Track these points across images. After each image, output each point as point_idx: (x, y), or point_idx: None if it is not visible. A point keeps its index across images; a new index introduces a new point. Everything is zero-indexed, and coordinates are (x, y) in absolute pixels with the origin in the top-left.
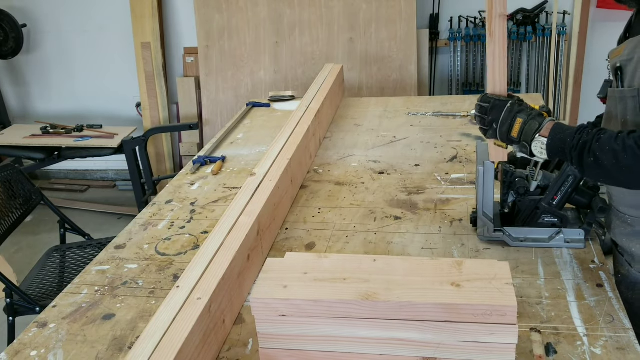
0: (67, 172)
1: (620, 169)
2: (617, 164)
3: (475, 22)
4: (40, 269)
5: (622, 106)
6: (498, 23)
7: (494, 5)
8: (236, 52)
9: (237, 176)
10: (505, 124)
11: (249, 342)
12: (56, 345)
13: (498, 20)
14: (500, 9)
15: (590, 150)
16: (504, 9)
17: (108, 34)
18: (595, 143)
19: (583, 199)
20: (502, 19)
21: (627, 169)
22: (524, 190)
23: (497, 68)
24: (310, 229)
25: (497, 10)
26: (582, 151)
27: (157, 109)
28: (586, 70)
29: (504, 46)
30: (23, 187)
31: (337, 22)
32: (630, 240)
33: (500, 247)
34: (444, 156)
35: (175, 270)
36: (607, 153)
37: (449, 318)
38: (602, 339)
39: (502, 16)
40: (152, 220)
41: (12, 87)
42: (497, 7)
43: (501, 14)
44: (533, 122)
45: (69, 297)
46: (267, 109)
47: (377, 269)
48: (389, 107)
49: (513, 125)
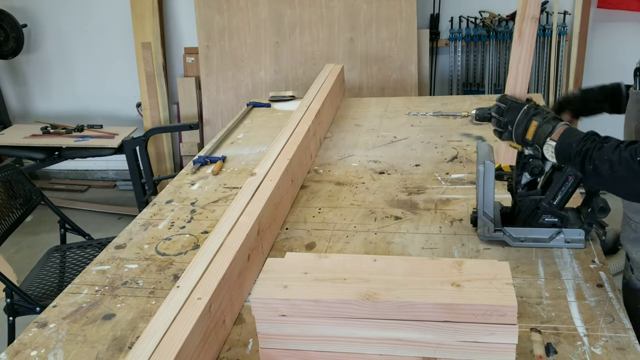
0: (68, 172)
1: (615, 179)
2: (613, 174)
3: (475, 22)
4: (41, 269)
5: (637, 108)
6: (530, 25)
7: (528, 6)
8: (236, 52)
9: (238, 176)
10: (520, 125)
11: (249, 342)
12: (56, 345)
13: (530, 22)
14: (534, 10)
15: (590, 158)
16: (537, 11)
17: (108, 34)
18: (596, 152)
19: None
20: (534, 21)
21: (620, 179)
22: (538, 171)
23: (520, 70)
24: (310, 229)
25: (530, 12)
26: (584, 158)
27: (158, 109)
28: (586, 70)
29: (531, 49)
30: (23, 187)
31: (338, 22)
32: (633, 246)
33: (501, 247)
34: (444, 156)
35: (176, 270)
36: (604, 162)
37: (449, 318)
38: (602, 339)
39: (534, 18)
40: (152, 220)
41: (13, 87)
42: (531, 9)
43: (534, 16)
44: (547, 125)
45: (69, 297)
46: (267, 109)
47: (377, 269)
48: (389, 107)
49: (528, 128)
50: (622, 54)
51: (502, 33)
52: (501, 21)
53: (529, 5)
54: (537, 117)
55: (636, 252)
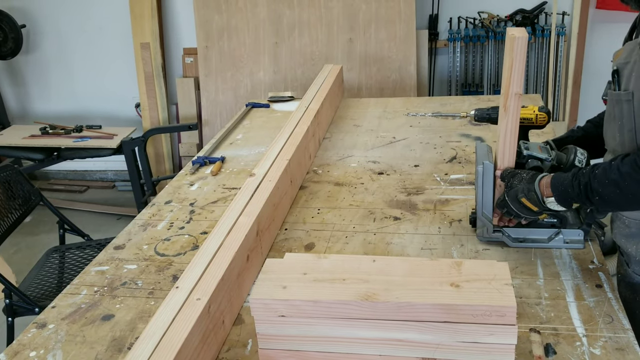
0: (67, 172)
1: (626, 198)
2: (622, 193)
3: (474, 22)
4: (40, 270)
5: (618, 109)
6: (514, 101)
7: (512, 84)
8: (235, 53)
9: (237, 177)
10: (522, 210)
11: (248, 343)
12: (55, 346)
13: (514, 98)
14: (517, 88)
15: (592, 190)
16: (520, 88)
17: (107, 35)
18: (594, 181)
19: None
20: (517, 97)
21: (632, 196)
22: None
23: (507, 143)
24: (309, 230)
25: (513, 89)
26: (587, 193)
27: (157, 109)
28: (585, 71)
29: (517, 123)
30: (22, 188)
31: (337, 22)
32: (627, 241)
33: (500, 248)
34: (443, 157)
35: (175, 271)
36: (608, 186)
37: (448, 318)
38: (601, 340)
39: (517, 94)
40: (151, 221)
41: (12, 88)
42: (514, 86)
43: (517, 92)
44: (531, 194)
45: (68, 298)
46: (266, 109)
47: (376, 269)
48: (388, 107)
49: (527, 206)
50: None
51: (500, 34)
52: (500, 22)
53: (512, 83)
54: (520, 193)
55: (631, 247)
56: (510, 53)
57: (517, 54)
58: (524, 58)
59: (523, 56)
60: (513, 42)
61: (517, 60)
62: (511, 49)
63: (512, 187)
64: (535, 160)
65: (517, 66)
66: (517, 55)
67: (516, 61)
